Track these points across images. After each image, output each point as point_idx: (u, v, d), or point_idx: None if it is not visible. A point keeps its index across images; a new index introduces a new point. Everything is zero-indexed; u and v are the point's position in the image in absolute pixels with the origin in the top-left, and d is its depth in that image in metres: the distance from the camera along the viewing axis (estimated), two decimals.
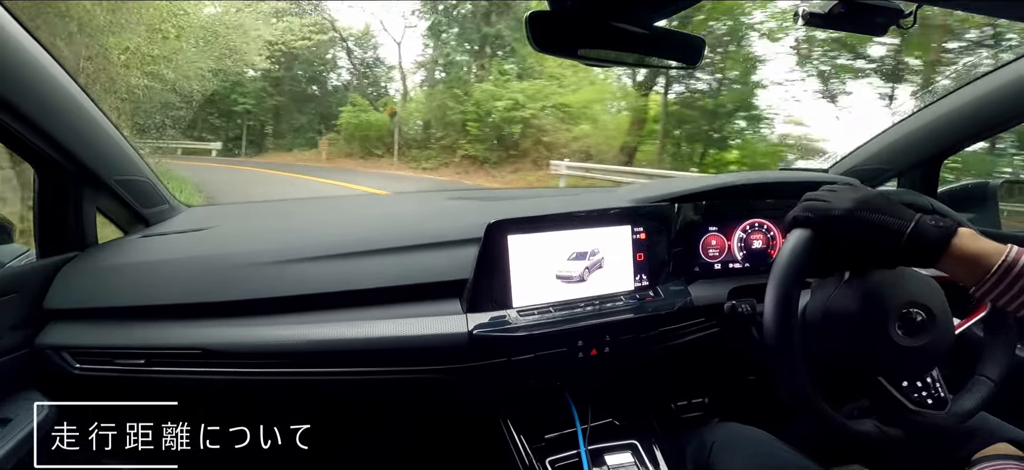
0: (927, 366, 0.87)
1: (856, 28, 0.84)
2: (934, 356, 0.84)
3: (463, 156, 13.93)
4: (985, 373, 0.88)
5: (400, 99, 18.65)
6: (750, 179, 1.32)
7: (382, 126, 16.39)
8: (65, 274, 0.99)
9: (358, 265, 1.05)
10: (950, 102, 1.28)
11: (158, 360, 0.94)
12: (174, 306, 0.99)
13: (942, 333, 0.82)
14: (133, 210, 1.15)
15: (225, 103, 19.30)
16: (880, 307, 0.81)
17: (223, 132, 20.03)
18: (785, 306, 0.79)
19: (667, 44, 0.81)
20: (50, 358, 0.93)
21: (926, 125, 1.34)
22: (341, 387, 1.02)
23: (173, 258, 1.06)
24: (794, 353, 0.79)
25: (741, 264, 1.27)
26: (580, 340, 1.06)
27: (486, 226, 1.04)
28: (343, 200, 1.87)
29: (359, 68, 20.63)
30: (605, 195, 1.29)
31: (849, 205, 0.75)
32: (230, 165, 14.88)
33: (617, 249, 1.13)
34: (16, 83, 0.83)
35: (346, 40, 19.76)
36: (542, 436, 1.14)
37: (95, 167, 1.02)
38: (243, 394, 1.01)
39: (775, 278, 0.80)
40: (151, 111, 7.62)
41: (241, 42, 9.82)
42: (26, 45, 0.84)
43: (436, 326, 0.99)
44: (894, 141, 1.40)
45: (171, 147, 16.78)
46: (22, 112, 0.85)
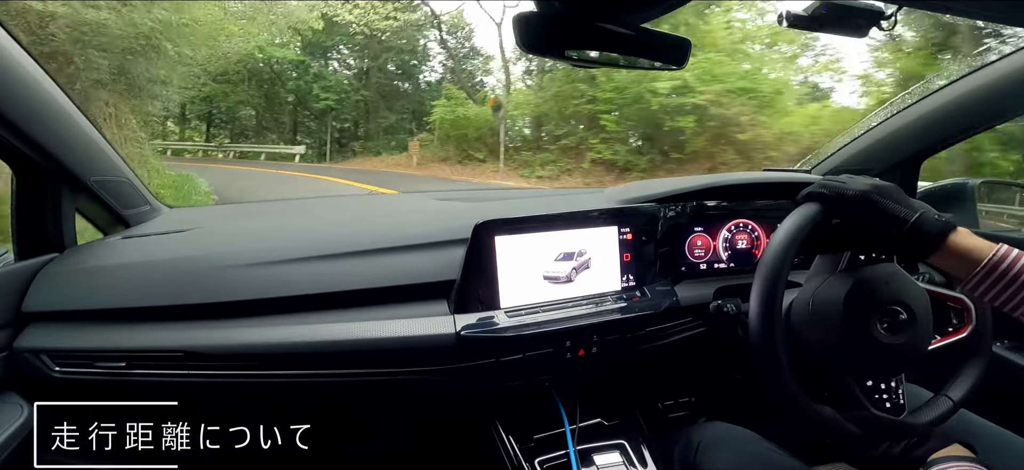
0: (898, 367, 0.89)
1: (838, 30, 0.85)
2: (906, 359, 0.85)
3: (595, 160, 11.08)
4: (949, 393, 0.89)
5: (503, 92, 15.93)
6: (734, 180, 1.33)
7: (482, 123, 13.87)
8: (44, 276, 0.97)
9: (343, 266, 1.04)
10: (930, 103, 1.30)
11: (139, 362, 0.93)
12: (155, 308, 0.97)
13: (919, 338, 0.84)
14: (113, 211, 1.14)
15: (306, 99, 18.25)
16: (867, 299, 0.82)
17: (317, 136, 19.02)
18: (772, 289, 0.80)
19: (654, 45, 0.81)
20: (29, 361, 0.92)
21: (906, 125, 1.36)
22: (328, 389, 1.01)
23: (154, 260, 1.04)
24: (777, 344, 0.80)
25: (726, 264, 1.28)
26: (568, 340, 1.07)
27: (473, 227, 1.03)
28: (327, 201, 1.85)
29: (454, 55, 18.61)
30: (592, 196, 1.30)
31: (863, 188, 0.79)
32: (310, 174, 12.91)
33: (604, 249, 1.14)
34: None
35: (437, 18, 17.21)
36: (531, 437, 1.14)
37: (73, 167, 1.00)
38: (226, 396, 1.00)
39: (772, 248, 0.82)
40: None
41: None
42: (2, 43, 0.83)
43: (423, 327, 0.99)
44: (875, 141, 1.42)
45: (255, 152, 15.56)
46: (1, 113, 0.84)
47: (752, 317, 0.81)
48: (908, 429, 0.86)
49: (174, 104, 11.25)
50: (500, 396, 1.14)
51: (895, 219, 0.76)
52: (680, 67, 0.84)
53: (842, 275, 0.87)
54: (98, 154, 1.07)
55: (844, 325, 0.83)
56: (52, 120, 0.94)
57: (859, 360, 0.85)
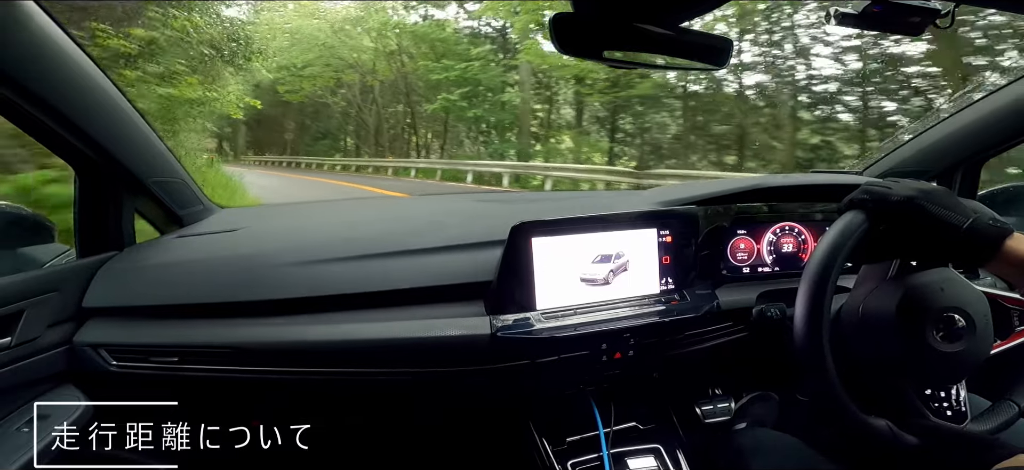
0: (957, 375, 0.85)
1: (891, 28, 0.81)
2: (966, 366, 0.81)
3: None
4: (1014, 398, 0.85)
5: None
6: (779, 182, 1.30)
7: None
8: (104, 273, 1.02)
9: (383, 266, 1.06)
10: (992, 101, 1.23)
11: (191, 358, 0.97)
12: (206, 305, 1.01)
13: (979, 344, 0.80)
14: (169, 211, 1.19)
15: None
16: (921, 307, 0.79)
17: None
18: (819, 296, 0.78)
19: (693, 46, 0.79)
20: (88, 355, 0.96)
21: (966, 124, 1.29)
22: (368, 387, 1.03)
23: (206, 258, 1.09)
24: (824, 353, 0.77)
25: (771, 268, 1.25)
26: (604, 343, 1.06)
27: (510, 228, 1.04)
28: (369, 201, 1.89)
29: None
30: (631, 197, 1.28)
31: (909, 193, 0.75)
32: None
33: (643, 252, 1.12)
34: (59, 87, 0.86)
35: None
36: (564, 438, 1.14)
37: (134, 169, 1.05)
38: (271, 392, 1.03)
39: (816, 258, 0.79)
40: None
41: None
42: (68, 50, 0.86)
43: (459, 327, 1.00)
44: (933, 142, 1.35)
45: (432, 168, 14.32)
46: (65, 116, 0.89)
47: (798, 324, 0.79)
48: (970, 438, 0.82)
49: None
50: (535, 398, 1.14)
51: (946, 225, 0.72)
52: (720, 67, 0.82)
53: (893, 282, 0.83)
54: (156, 156, 1.11)
55: (897, 335, 0.79)
56: (114, 124, 0.99)
57: (915, 370, 0.81)
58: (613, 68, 9.35)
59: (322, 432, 1.03)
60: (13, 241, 0.96)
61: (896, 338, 0.79)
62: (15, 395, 0.88)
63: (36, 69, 0.82)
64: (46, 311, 0.93)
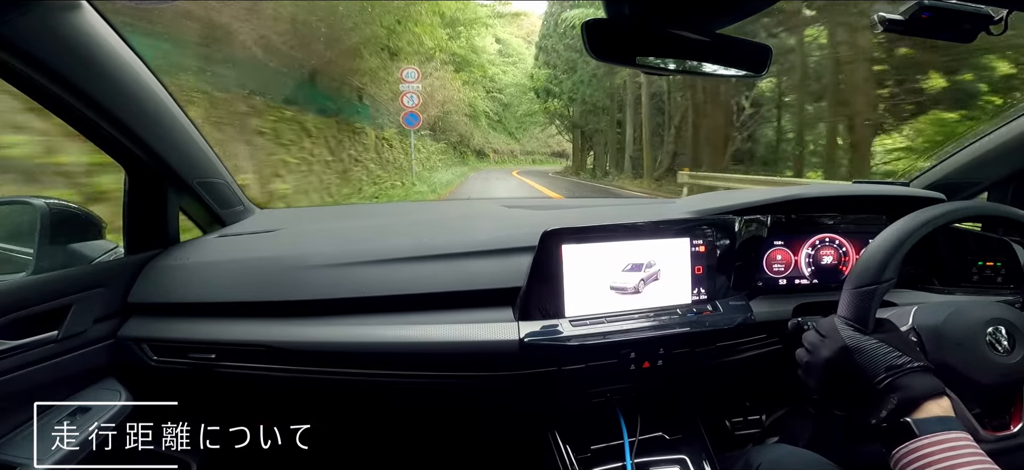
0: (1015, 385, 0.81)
1: (940, 35, 0.78)
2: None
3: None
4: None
5: None
6: (819, 192, 1.25)
7: None
8: (149, 270, 1.06)
9: (414, 270, 1.07)
10: None
11: (227, 356, 1.00)
12: (243, 304, 1.04)
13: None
14: (212, 211, 1.23)
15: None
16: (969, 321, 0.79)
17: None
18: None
19: (730, 52, 0.77)
20: (132, 350, 1.00)
21: (1020, 134, 1.22)
22: (397, 389, 1.04)
23: (244, 258, 1.12)
24: None
25: (809, 280, 1.21)
26: (632, 352, 1.04)
27: (540, 234, 1.04)
28: (403, 206, 1.92)
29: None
30: (663, 206, 1.25)
31: (828, 353, 0.77)
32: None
33: (675, 261, 1.11)
34: (113, 89, 0.90)
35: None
36: (588, 447, 1.13)
37: (180, 169, 1.08)
38: (301, 391, 1.05)
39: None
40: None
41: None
42: (120, 53, 0.89)
43: (488, 333, 1.00)
44: (986, 152, 1.29)
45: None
46: (117, 117, 0.92)
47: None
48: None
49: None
50: (561, 404, 1.13)
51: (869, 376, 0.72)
52: (759, 74, 0.80)
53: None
54: (201, 157, 1.15)
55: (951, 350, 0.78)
56: (161, 125, 1.02)
57: (967, 384, 0.79)
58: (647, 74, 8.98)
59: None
60: (63, 237, 1.00)
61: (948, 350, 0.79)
62: (59, 388, 0.92)
63: (88, 71, 0.84)
64: (93, 306, 0.97)
